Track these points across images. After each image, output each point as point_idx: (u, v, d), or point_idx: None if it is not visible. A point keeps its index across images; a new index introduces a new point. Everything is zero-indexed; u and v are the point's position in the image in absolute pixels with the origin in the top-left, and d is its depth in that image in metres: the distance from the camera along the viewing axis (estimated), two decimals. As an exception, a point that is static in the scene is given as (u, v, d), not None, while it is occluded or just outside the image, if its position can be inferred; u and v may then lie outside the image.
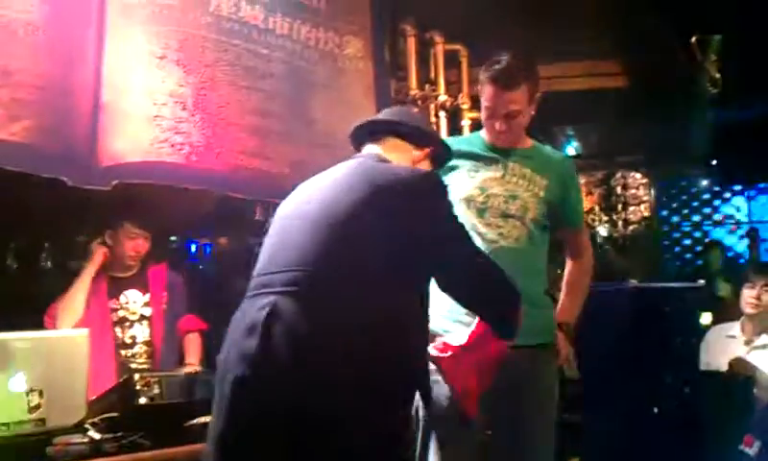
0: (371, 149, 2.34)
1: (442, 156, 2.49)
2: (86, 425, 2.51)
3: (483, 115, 2.80)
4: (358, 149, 2.40)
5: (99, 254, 3.58)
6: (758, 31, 5.49)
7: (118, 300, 3.63)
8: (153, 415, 2.59)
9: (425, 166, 2.36)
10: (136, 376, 2.65)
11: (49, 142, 3.02)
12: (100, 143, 3.19)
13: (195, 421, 2.59)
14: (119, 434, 2.48)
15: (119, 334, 3.60)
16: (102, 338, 3.48)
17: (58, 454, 2.36)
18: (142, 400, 2.60)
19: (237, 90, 3.73)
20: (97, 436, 2.46)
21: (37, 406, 2.42)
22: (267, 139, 3.81)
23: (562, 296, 2.92)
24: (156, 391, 2.62)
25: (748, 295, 4.06)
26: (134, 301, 3.67)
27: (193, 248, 6.15)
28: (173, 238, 5.70)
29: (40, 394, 2.42)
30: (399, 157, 2.30)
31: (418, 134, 2.37)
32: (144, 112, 3.35)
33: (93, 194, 3.14)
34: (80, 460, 2.37)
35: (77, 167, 3.10)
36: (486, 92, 2.74)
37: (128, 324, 3.63)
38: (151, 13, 3.42)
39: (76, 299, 3.47)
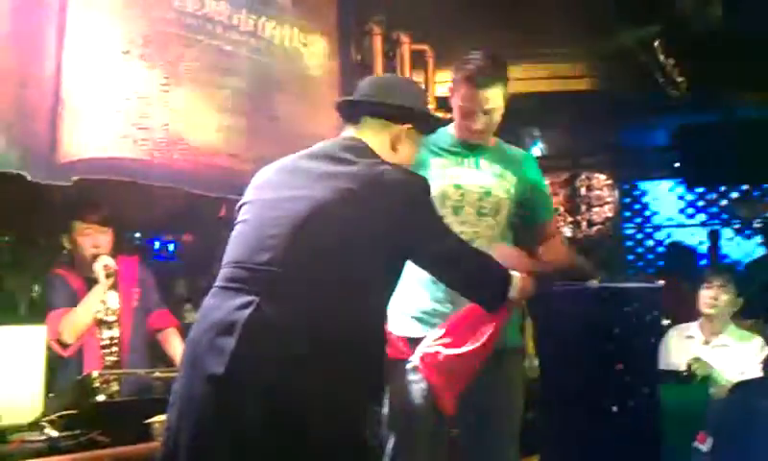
0: (350, 133, 2.32)
1: (423, 128, 2.45)
2: (43, 423, 2.47)
3: (457, 114, 2.81)
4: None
5: (105, 271, 3.48)
6: (722, 33, 5.59)
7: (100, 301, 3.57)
8: (111, 412, 2.56)
9: (406, 144, 2.34)
10: (94, 374, 2.62)
11: (8, 137, 2.98)
12: (60, 138, 3.15)
13: (154, 419, 2.56)
14: (76, 432, 2.45)
15: (99, 336, 3.54)
16: (90, 343, 3.45)
17: (13, 452, 2.33)
18: (100, 398, 2.57)
19: (201, 86, 3.71)
20: (54, 434, 2.43)
21: (-8, 404, 2.38)
22: (231, 136, 3.80)
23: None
24: (115, 388, 2.60)
25: (705, 295, 4.12)
26: (110, 303, 3.61)
27: (156, 245, 6.11)
28: (137, 235, 5.66)
29: (-5, 391, 2.39)
30: (379, 140, 2.28)
31: (397, 112, 2.33)
32: (106, 108, 3.32)
33: (44, 193, 3.10)
34: (36, 458, 2.34)
35: (37, 163, 3.06)
36: (461, 92, 2.76)
37: (106, 325, 3.57)
38: (114, 8, 3.39)
39: (84, 314, 3.41)
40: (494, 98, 2.72)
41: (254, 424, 1.90)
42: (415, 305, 2.68)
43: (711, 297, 4.10)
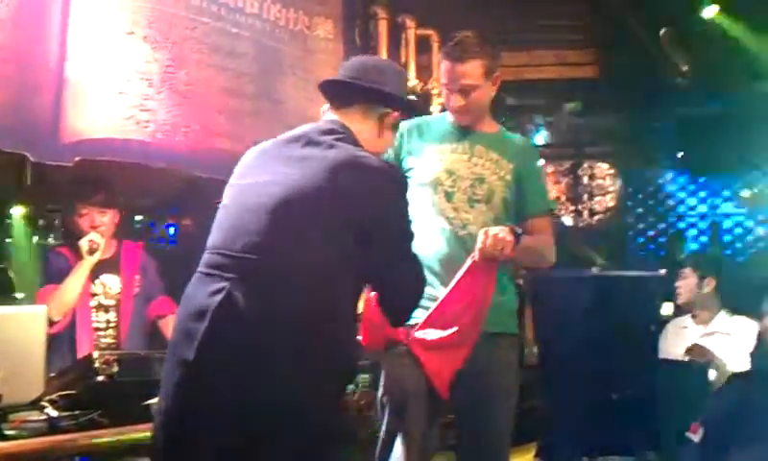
0: (335, 116, 2.24)
1: (407, 115, 2.40)
2: (43, 403, 2.48)
3: (443, 95, 2.80)
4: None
5: (89, 246, 3.47)
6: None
7: (100, 283, 3.58)
8: (111, 393, 2.57)
9: (391, 130, 2.30)
10: (95, 354, 2.63)
11: (11, 117, 2.98)
12: (63, 119, 3.16)
13: (153, 400, 2.57)
14: (76, 412, 2.46)
15: (95, 318, 3.54)
16: (83, 322, 3.45)
17: (14, 431, 2.34)
18: (100, 379, 2.58)
19: (205, 68, 3.71)
20: (54, 413, 2.44)
21: (-7, 382, 2.39)
22: (234, 118, 3.80)
23: None
24: (116, 369, 2.60)
25: (677, 285, 4.18)
26: (110, 286, 3.61)
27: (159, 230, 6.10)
28: (138, 218, 5.65)
29: (-4, 370, 2.39)
30: (367, 125, 2.23)
31: (381, 98, 2.26)
32: (109, 88, 3.32)
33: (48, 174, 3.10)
34: (36, 437, 2.35)
35: (39, 143, 3.07)
36: (443, 69, 2.76)
37: (103, 309, 3.58)
38: (118, -11, 3.39)
39: (70, 290, 3.40)
40: (472, 73, 2.68)
41: (223, 408, 1.91)
42: None
43: (677, 288, 4.16)
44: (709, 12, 5.64)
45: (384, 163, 2.19)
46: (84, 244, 3.40)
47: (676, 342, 4.11)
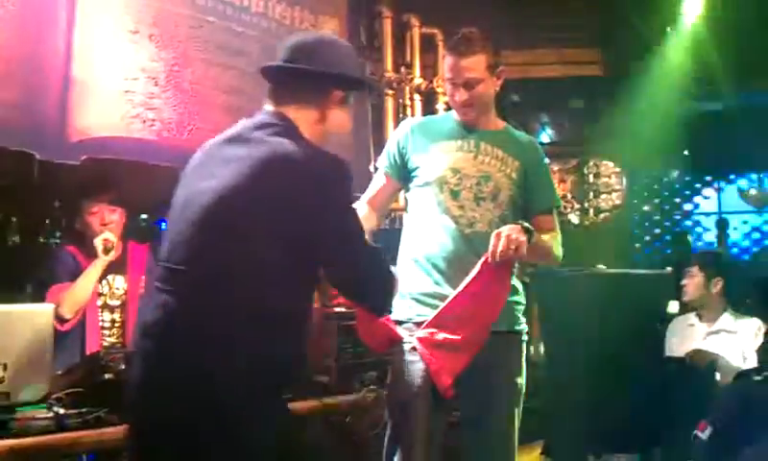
0: (271, 105, 2.10)
1: (353, 87, 2.21)
2: (51, 401, 2.49)
3: (447, 91, 2.80)
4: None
5: (103, 245, 3.48)
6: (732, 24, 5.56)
7: (106, 283, 3.59)
8: (118, 391, 2.57)
9: (338, 111, 2.13)
10: (102, 352, 2.64)
11: (18, 116, 2.99)
12: (70, 117, 3.17)
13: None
14: (83, 410, 2.46)
15: (101, 318, 3.55)
16: (92, 321, 3.45)
17: (21, 428, 2.35)
18: (107, 377, 2.58)
19: (210, 67, 3.72)
20: (61, 411, 2.44)
21: (1, 380, 2.39)
22: (240, 117, 3.74)
23: None
24: (123, 367, 2.60)
25: (683, 283, 4.18)
26: (117, 287, 3.62)
27: (164, 226, 6.09)
28: (143, 216, 5.65)
29: (4, 367, 2.38)
30: (306, 110, 2.08)
31: (324, 79, 2.10)
32: (115, 87, 3.33)
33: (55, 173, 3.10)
34: (43, 435, 2.35)
35: (46, 141, 3.08)
36: (446, 64, 2.76)
37: (109, 309, 3.58)
38: (124, -13, 3.40)
39: (83, 288, 3.41)
40: (476, 67, 2.67)
41: (164, 428, 1.89)
42: (415, 287, 2.68)
43: (684, 286, 4.16)
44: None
45: (316, 155, 1.99)
46: (98, 243, 3.41)
47: (682, 340, 4.12)
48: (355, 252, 2.07)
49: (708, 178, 8.08)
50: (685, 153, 7.51)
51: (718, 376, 3.78)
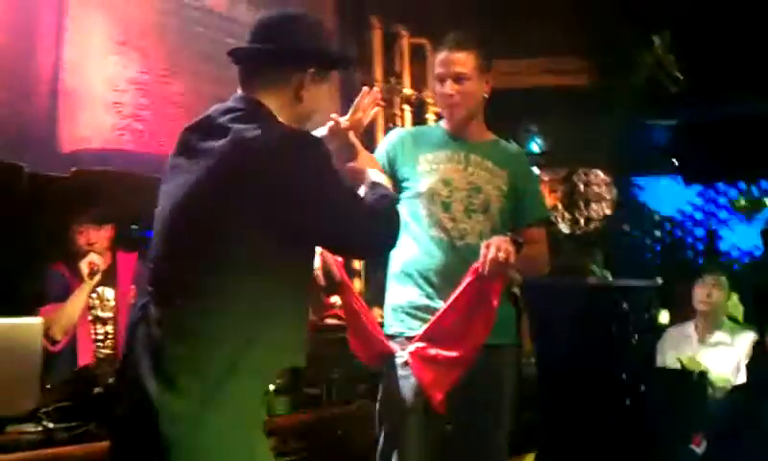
0: (240, 90, 1.98)
1: (329, 67, 2.08)
2: (39, 415, 2.47)
3: (436, 90, 2.80)
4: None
5: (89, 269, 3.47)
6: (719, 31, 5.60)
7: (97, 296, 3.57)
8: (107, 404, 2.56)
9: (312, 90, 1.99)
10: (91, 366, 2.62)
11: (5, 127, 2.98)
12: (59, 129, 3.16)
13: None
14: (73, 424, 2.45)
15: (94, 331, 3.54)
16: (83, 335, 3.44)
17: (9, 443, 2.33)
18: (97, 390, 2.57)
19: (200, 79, 3.71)
20: (50, 425, 2.43)
21: (-11, 394, 2.38)
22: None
23: None
24: (112, 380, 2.59)
25: (700, 293, 4.13)
26: (107, 298, 3.61)
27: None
28: (134, 226, 5.62)
29: (-7, 381, 2.38)
30: (278, 91, 1.96)
31: (295, 56, 1.98)
32: (104, 99, 3.32)
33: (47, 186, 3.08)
34: (32, 450, 2.34)
35: (35, 153, 3.06)
36: (437, 59, 2.76)
37: (101, 321, 3.57)
38: (113, -1, 3.39)
39: (71, 311, 3.40)
40: (466, 62, 2.69)
41: (134, 428, 1.79)
42: (406, 301, 2.67)
43: (706, 294, 4.11)
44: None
45: (279, 135, 1.85)
46: (84, 267, 3.41)
47: (675, 351, 4.09)
48: (349, 214, 1.92)
49: (698, 187, 8.12)
50: (674, 161, 7.54)
51: (709, 390, 3.78)
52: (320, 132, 2.25)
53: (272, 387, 2.88)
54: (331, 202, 1.87)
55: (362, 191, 2.09)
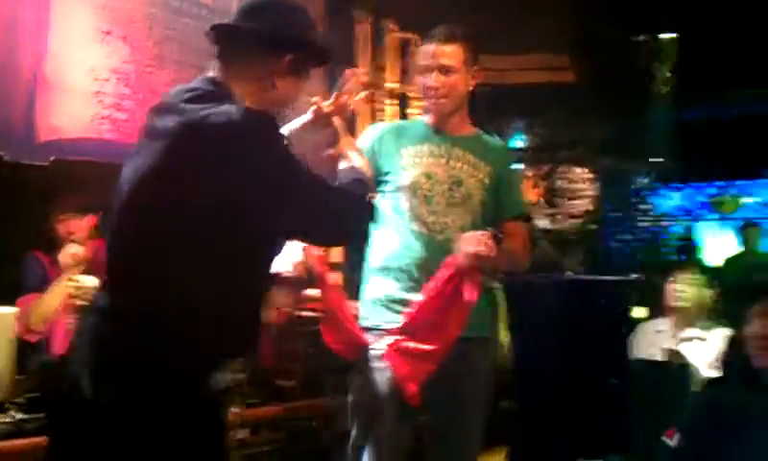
0: (211, 71, 1.92)
1: (308, 58, 2.00)
2: (9, 406, 2.45)
3: (420, 83, 2.78)
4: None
5: (69, 259, 3.46)
6: (706, 34, 5.63)
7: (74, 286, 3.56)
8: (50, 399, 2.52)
9: (287, 79, 1.93)
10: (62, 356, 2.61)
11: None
12: (38, 118, 3.15)
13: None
14: (42, 415, 2.43)
15: (72, 320, 3.52)
16: (60, 326, 3.42)
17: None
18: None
19: (185, 70, 3.70)
20: (20, 416, 2.41)
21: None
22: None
23: None
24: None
25: (671, 289, 4.16)
26: (88, 288, 3.60)
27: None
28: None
29: (-38, 371, 2.36)
30: (251, 75, 1.90)
31: (273, 40, 1.91)
32: (85, 88, 3.31)
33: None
34: (2, 440, 2.33)
35: (14, 142, 3.06)
36: (423, 52, 2.75)
37: (80, 311, 3.55)
38: (97, -13, 3.38)
39: (50, 302, 3.38)
40: (453, 55, 2.68)
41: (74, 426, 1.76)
42: (385, 293, 2.68)
43: (679, 290, 4.14)
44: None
45: (233, 114, 1.75)
46: (65, 258, 3.40)
47: (648, 345, 4.10)
48: (300, 198, 1.82)
49: (678, 186, 8.17)
50: (657, 160, 7.58)
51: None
52: (303, 117, 2.27)
53: (243, 376, 2.88)
54: (283, 185, 1.78)
55: (339, 176, 2.05)
